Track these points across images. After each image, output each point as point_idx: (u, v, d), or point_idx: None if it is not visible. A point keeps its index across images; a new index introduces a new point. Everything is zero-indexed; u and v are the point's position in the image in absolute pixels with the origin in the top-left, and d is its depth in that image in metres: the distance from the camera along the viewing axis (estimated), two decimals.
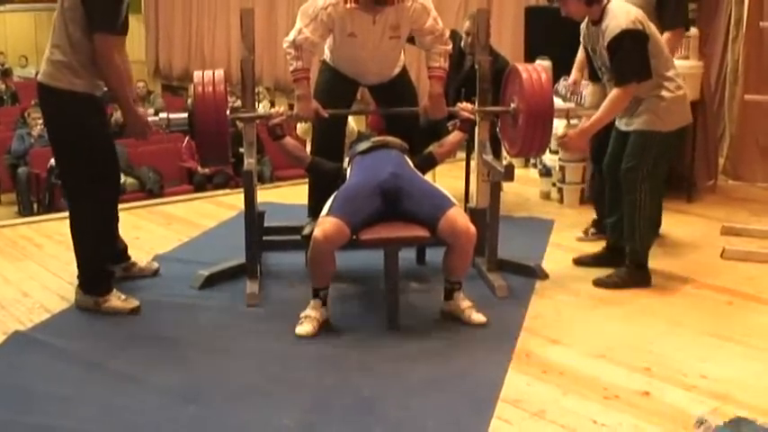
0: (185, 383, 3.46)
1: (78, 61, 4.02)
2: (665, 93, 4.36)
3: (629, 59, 4.29)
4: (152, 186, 9.92)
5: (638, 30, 4.26)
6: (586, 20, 4.50)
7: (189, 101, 4.32)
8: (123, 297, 4.19)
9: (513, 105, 4.58)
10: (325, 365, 3.63)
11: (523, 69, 4.51)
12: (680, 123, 4.48)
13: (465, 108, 4.62)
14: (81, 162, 4.12)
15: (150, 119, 4.53)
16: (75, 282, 4.27)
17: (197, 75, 4.35)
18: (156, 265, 4.81)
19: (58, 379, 3.50)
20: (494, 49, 5.04)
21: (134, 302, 4.18)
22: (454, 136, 4.63)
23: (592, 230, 5.42)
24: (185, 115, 4.31)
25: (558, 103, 5.81)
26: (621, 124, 4.53)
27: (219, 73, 4.34)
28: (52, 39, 4.10)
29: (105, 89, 4.15)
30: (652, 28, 4.37)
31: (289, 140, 4.53)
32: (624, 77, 4.32)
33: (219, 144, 4.30)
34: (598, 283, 4.51)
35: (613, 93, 4.38)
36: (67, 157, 4.19)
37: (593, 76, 4.71)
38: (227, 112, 4.36)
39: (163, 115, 4.48)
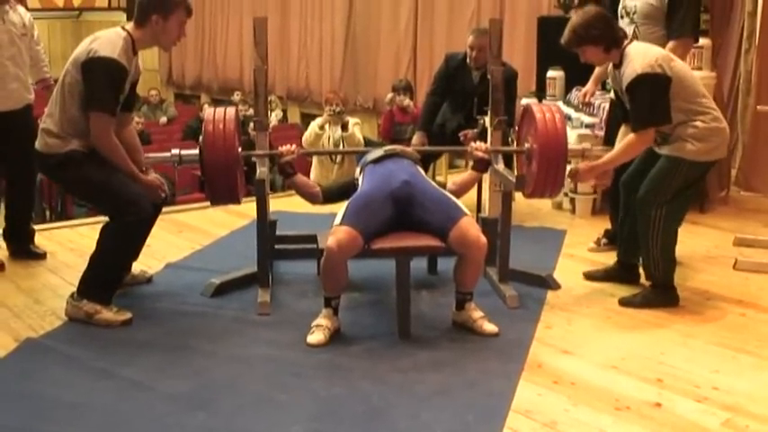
0: (195, 391, 3.46)
1: (69, 134, 4.11)
2: (698, 123, 4.22)
3: (645, 105, 4.19)
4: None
5: (655, 74, 4.14)
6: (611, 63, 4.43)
7: (201, 138, 4.30)
8: (115, 309, 4.17)
9: (527, 145, 4.56)
10: (336, 374, 3.63)
11: (538, 110, 4.45)
12: (711, 156, 4.32)
13: (479, 148, 4.53)
14: (101, 201, 4.31)
15: (162, 155, 4.59)
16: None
17: (208, 112, 4.35)
18: (149, 272, 4.81)
19: (69, 386, 3.51)
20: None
21: (126, 314, 4.15)
22: (469, 175, 4.56)
23: (604, 241, 5.41)
24: (196, 152, 4.31)
25: (568, 115, 5.81)
26: (655, 145, 4.46)
27: (231, 112, 4.32)
28: (48, 108, 4.21)
29: None
30: (677, 67, 4.24)
31: (299, 178, 4.48)
32: (639, 123, 4.23)
33: (228, 184, 4.27)
34: (624, 302, 4.45)
35: (630, 137, 4.29)
36: (90, 201, 4.31)
37: (625, 118, 4.58)
38: (239, 149, 4.34)
39: (175, 152, 4.48)
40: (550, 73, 6.73)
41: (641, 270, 4.63)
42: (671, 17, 4.84)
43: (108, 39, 4.08)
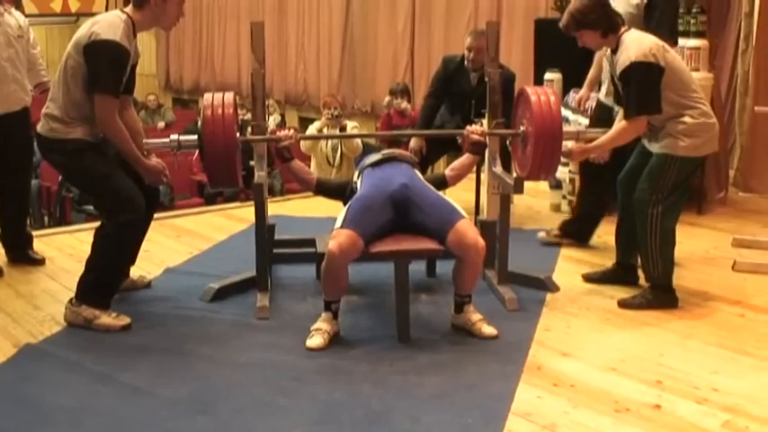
0: (195, 395, 3.46)
1: (73, 118, 4.10)
2: (687, 119, 4.24)
3: (637, 93, 4.22)
4: (162, 199, 9.92)
5: (648, 62, 4.17)
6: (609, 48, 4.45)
7: (199, 123, 4.31)
8: (114, 314, 4.16)
9: (522, 128, 4.56)
10: (336, 378, 3.63)
11: (533, 92, 4.46)
12: (702, 151, 4.35)
13: (474, 131, 4.58)
14: (99, 194, 4.30)
15: (161, 140, 4.57)
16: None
17: (207, 97, 4.34)
18: (148, 277, 4.81)
19: (69, 391, 3.50)
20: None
21: (125, 319, 4.14)
22: (466, 158, 4.57)
23: (555, 232, 5.48)
24: (195, 137, 4.31)
25: (566, 117, 5.81)
26: (646, 142, 4.47)
27: (229, 96, 4.33)
28: (51, 93, 4.21)
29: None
30: (670, 58, 4.27)
31: (297, 163, 4.52)
32: (631, 111, 4.27)
33: (228, 167, 4.28)
34: (623, 304, 4.44)
35: (621, 124, 4.35)
36: (86, 192, 4.28)
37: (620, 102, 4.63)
38: (237, 133, 4.34)
39: (174, 137, 4.48)
40: (548, 75, 6.73)
41: (640, 271, 4.64)
42: (647, 21, 4.95)
43: (109, 22, 4.06)
